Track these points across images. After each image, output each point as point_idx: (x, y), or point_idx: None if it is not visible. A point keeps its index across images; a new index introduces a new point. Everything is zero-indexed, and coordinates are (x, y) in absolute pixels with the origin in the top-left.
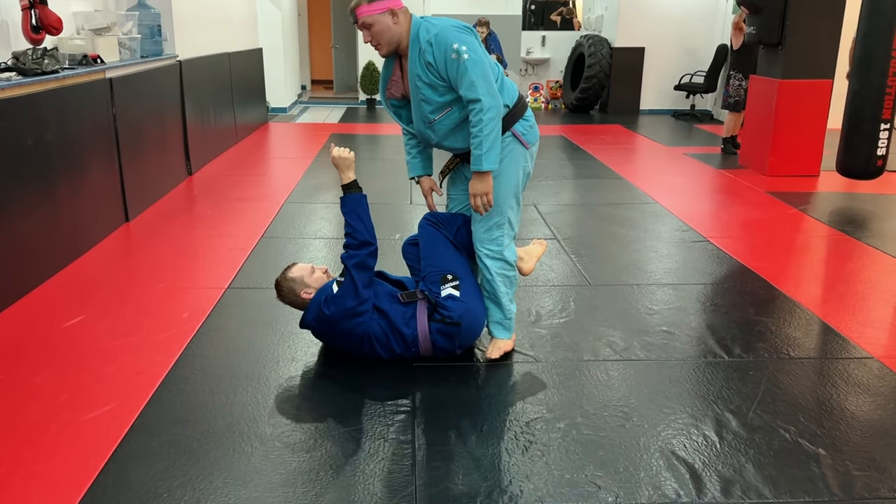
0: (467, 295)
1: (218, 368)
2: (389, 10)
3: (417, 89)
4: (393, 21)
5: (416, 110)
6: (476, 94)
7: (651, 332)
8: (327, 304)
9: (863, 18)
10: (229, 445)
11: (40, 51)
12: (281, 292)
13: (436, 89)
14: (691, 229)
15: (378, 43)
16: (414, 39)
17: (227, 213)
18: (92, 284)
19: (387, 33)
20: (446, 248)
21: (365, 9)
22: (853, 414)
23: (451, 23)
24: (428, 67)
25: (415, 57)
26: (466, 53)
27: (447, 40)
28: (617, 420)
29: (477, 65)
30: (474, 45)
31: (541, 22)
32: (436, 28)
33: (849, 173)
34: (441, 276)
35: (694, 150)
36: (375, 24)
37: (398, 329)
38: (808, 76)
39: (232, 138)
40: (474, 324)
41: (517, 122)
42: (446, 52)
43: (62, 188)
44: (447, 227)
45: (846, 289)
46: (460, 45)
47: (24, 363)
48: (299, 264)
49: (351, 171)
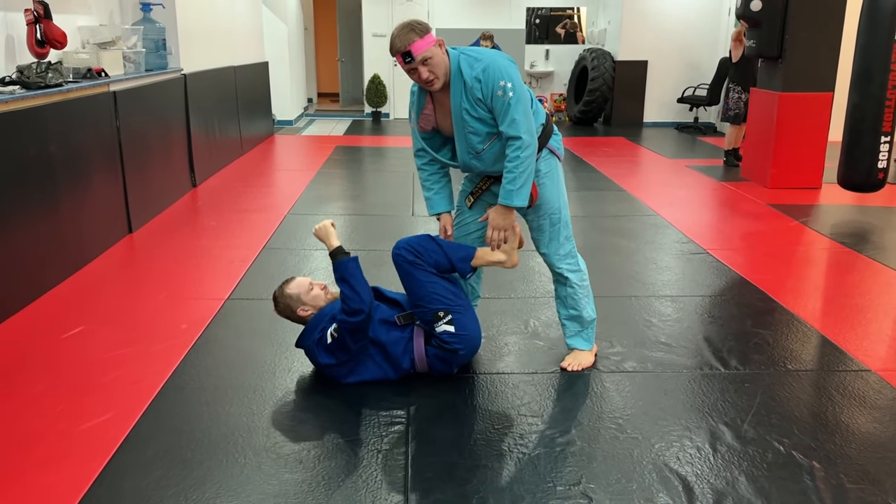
0: (462, 326)
1: (215, 379)
2: (438, 41)
3: (465, 122)
4: (442, 52)
5: (462, 142)
6: (517, 132)
7: (648, 343)
8: (319, 348)
9: (861, 31)
10: (223, 456)
11: (44, 64)
12: (278, 307)
13: (484, 122)
14: (692, 241)
15: (437, 76)
16: (456, 73)
17: (229, 224)
18: (93, 295)
19: (442, 65)
20: (429, 282)
21: (420, 44)
22: (848, 427)
23: (495, 55)
24: (477, 103)
25: (459, 91)
26: (512, 91)
27: (495, 76)
28: (611, 432)
29: (520, 102)
30: (518, 81)
31: (545, 35)
32: (481, 63)
33: (850, 186)
34: (433, 315)
35: (697, 162)
36: (433, 56)
37: (395, 360)
38: (809, 89)
39: (237, 150)
40: (472, 347)
41: (550, 138)
42: (494, 87)
43: (65, 200)
44: (424, 256)
45: (846, 301)
46: (507, 82)
47: (24, 373)
48: (297, 279)
49: (333, 239)
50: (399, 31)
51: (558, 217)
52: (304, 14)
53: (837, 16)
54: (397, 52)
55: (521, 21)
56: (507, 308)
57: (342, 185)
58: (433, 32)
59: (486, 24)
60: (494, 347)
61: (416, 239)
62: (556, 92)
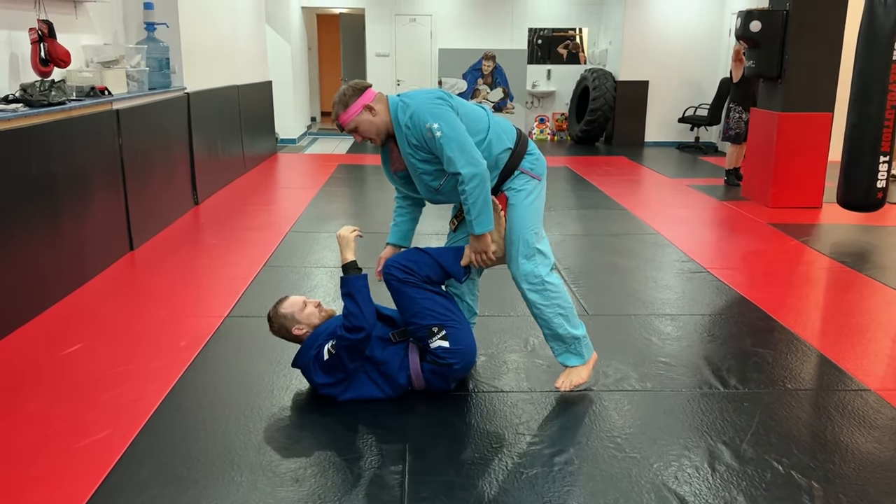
0: (457, 340)
1: (212, 397)
2: (364, 107)
3: (414, 166)
4: (372, 115)
5: (420, 182)
6: (455, 168)
7: (647, 362)
8: (315, 365)
9: (860, 52)
10: (219, 474)
11: (48, 83)
12: (273, 327)
13: (430, 162)
14: (692, 260)
15: (371, 137)
16: (395, 121)
17: (231, 242)
18: (93, 312)
19: (372, 128)
20: (422, 298)
21: (344, 116)
22: (847, 446)
23: (424, 96)
24: (417, 148)
25: (402, 138)
26: (439, 130)
27: (421, 120)
28: (609, 451)
29: (451, 139)
30: (447, 117)
31: (546, 56)
32: (409, 108)
33: (849, 205)
34: (427, 331)
35: (697, 181)
36: (359, 125)
37: (392, 377)
38: (808, 109)
39: (240, 168)
40: (468, 362)
41: (523, 159)
42: (422, 131)
43: (67, 217)
44: (415, 271)
45: (845, 320)
46: (433, 122)
47: (21, 390)
48: (291, 298)
49: (350, 252)
50: (334, 98)
51: (518, 237)
52: (307, 34)
53: (836, 36)
54: (334, 120)
55: (523, 41)
56: (506, 326)
57: (344, 203)
58: (366, 94)
59: (488, 45)
60: (493, 365)
61: (405, 255)
62: (557, 111)
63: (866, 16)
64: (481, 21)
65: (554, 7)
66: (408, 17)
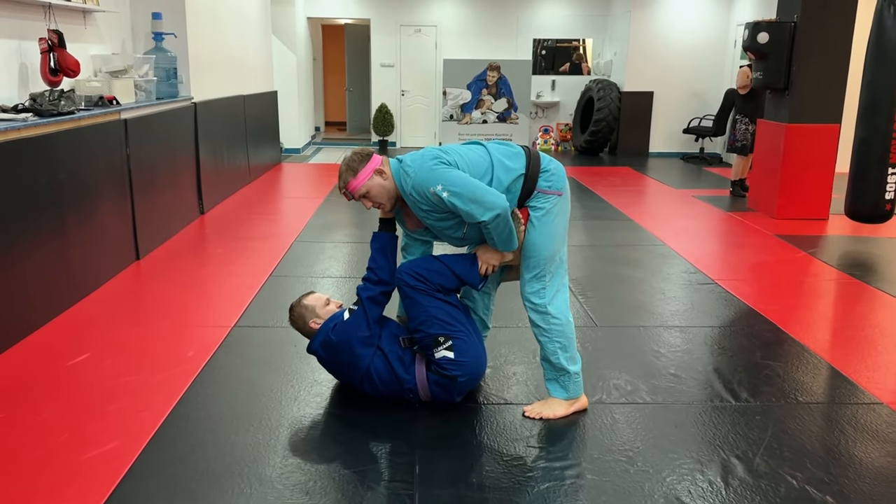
0: (462, 352)
1: (220, 408)
2: (375, 171)
3: (432, 225)
4: (383, 179)
5: (443, 236)
6: (477, 220)
7: (657, 374)
8: (335, 331)
9: (868, 65)
10: (228, 486)
11: (57, 92)
12: (292, 316)
13: (448, 218)
14: (699, 271)
15: (381, 203)
16: (400, 187)
17: (236, 251)
18: (99, 322)
19: (384, 192)
20: (431, 306)
21: (355, 182)
22: (861, 461)
23: (420, 163)
24: (427, 211)
25: (412, 203)
26: (445, 191)
27: (424, 187)
28: (621, 465)
29: (460, 196)
30: (447, 176)
31: (551, 66)
32: (410, 177)
33: (857, 217)
34: (433, 340)
35: (703, 192)
36: (371, 189)
37: (398, 375)
38: (815, 121)
39: (245, 178)
40: (473, 374)
41: (538, 179)
42: (429, 197)
43: (74, 226)
44: (428, 279)
45: (855, 333)
46: (436, 187)
47: (28, 400)
48: (316, 293)
49: (390, 211)
50: (340, 169)
51: (531, 256)
52: (313, 44)
53: (844, 48)
54: (341, 193)
55: (527, 52)
56: (513, 338)
57: (349, 212)
58: (373, 159)
59: (493, 55)
60: (502, 377)
61: (419, 262)
62: (561, 122)
63: (875, 28)
64: (486, 32)
65: (559, 18)
66: (413, 27)
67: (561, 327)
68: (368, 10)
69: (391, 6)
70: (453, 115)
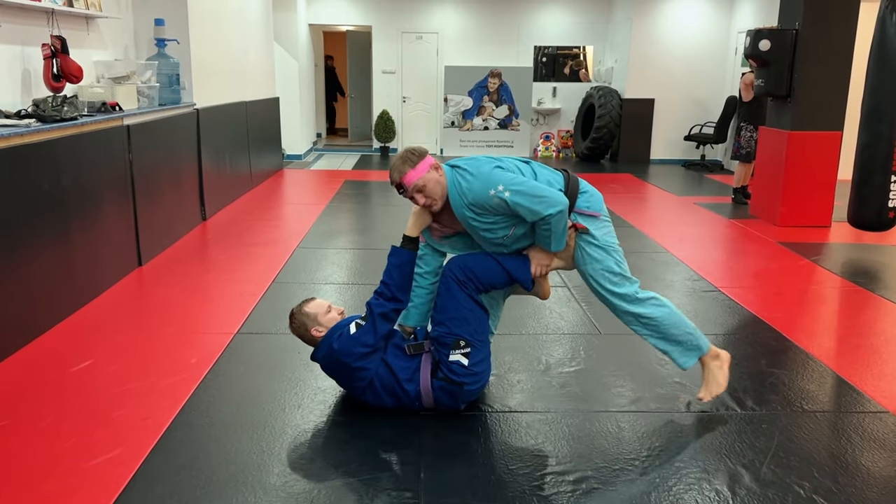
0: (476, 362)
1: (224, 415)
2: (432, 165)
3: (475, 228)
4: (439, 174)
5: (482, 241)
6: (541, 214)
7: (662, 383)
8: (340, 343)
9: (871, 71)
10: (232, 495)
11: (60, 98)
12: (293, 323)
13: (496, 223)
14: (702, 279)
15: (433, 199)
16: (452, 188)
17: (239, 258)
18: (102, 329)
19: (438, 188)
20: (466, 307)
21: (412, 174)
22: (869, 470)
23: (479, 167)
24: (478, 213)
25: (460, 205)
26: (507, 191)
27: (484, 189)
28: (627, 474)
29: (523, 194)
30: (507, 179)
31: (552, 73)
32: (468, 181)
33: (860, 225)
34: (454, 341)
35: (704, 199)
36: (427, 183)
37: (402, 384)
38: (818, 128)
39: (247, 184)
40: (479, 385)
41: (577, 199)
42: (488, 199)
43: (76, 232)
44: (479, 279)
45: (860, 341)
46: (496, 188)
47: (31, 407)
48: (318, 300)
49: (415, 228)
50: (394, 161)
51: (599, 282)
52: (315, 51)
53: (846, 55)
54: (393, 185)
55: (528, 59)
56: (518, 345)
57: (351, 218)
58: (428, 156)
59: (494, 62)
60: (506, 384)
61: (472, 258)
62: (563, 129)
63: (877, 35)
64: (487, 39)
65: (560, 25)
66: (414, 34)
67: (657, 306)
68: (370, 17)
69: (393, 13)
70: (455, 122)
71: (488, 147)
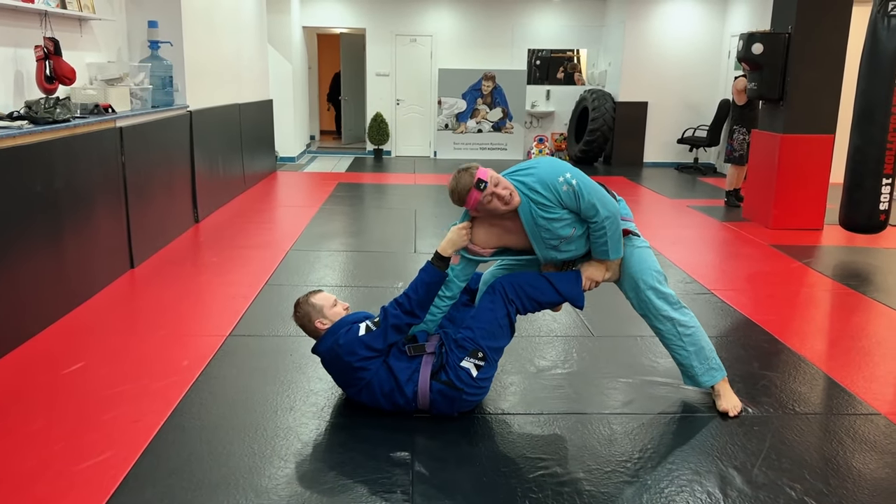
0: (483, 378)
1: (216, 418)
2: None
3: (542, 225)
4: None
5: (541, 240)
6: (595, 212)
7: (654, 384)
8: (346, 341)
9: (862, 75)
10: (224, 498)
11: (52, 100)
12: (297, 312)
13: (562, 218)
14: (695, 281)
15: (511, 193)
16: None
17: (231, 260)
18: (94, 331)
19: (507, 182)
20: (502, 324)
21: (483, 171)
22: (860, 472)
23: (539, 163)
24: (545, 207)
25: (527, 212)
26: (574, 179)
27: (553, 178)
28: (619, 476)
29: (586, 186)
30: (573, 169)
31: (545, 76)
32: (532, 175)
33: (852, 227)
34: (472, 349)
35: (697, 202)
36: (499, 180)
37: (401, 385)
38: (810, 131)
39: (240, 186)
40: (477, 398)
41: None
42: (557, 187)
43: (69, 234)
44: (531, 298)
45: (851, 343)
46: (564, 175)
47: (22, 410)
48: (324, 293)
49: (450, 247)
50: (454, 178)
51: (638, 278)
52: (308, 53)
53: (838, 59)
54: (468, 189)
55: (522, 62)
56: (511, 347)
57: (344, 221)
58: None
59: (488, 65)
60: (499, 387)
61: (525, 277)
62: (556, 131)
63: (869, 39)
64: (481, 42)
65: (553, 28)
66: (408, 37)
67: (690, 325)
68: (364, 20)
69: (387, 16)
70: (448, 125)
71: (482, 150)
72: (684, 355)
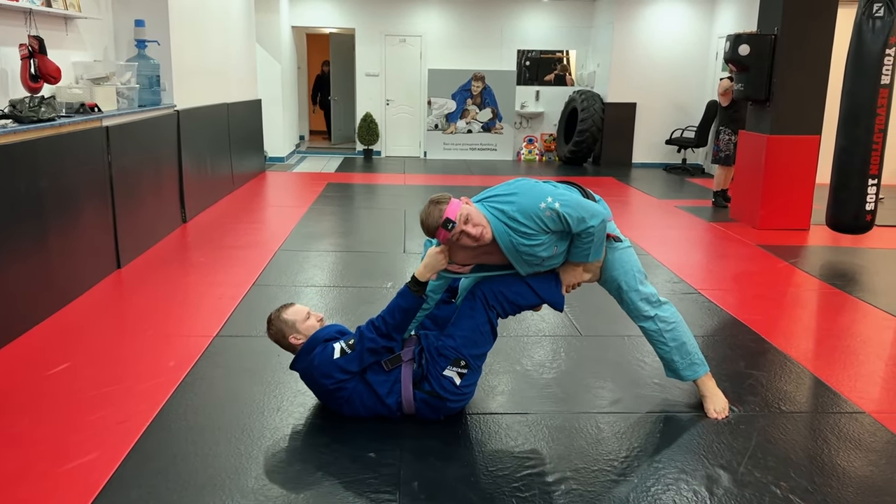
0: (466, 385)
1: (202, 418)
2: (464, 200)
3: (522, 251)
4: (471, 206)
5: (521, 264)
6: (587, 225)
7: (642, 384)
8: (320, 362)
9: (848, 76)
10: (210, 498)
11: (37, 99)
12: (270, 329)
13: (543, 243)
14: (682, 281)
15: (483, 226)
16: (495, 225)
17: (219, 260)
18: (80, 331)
19: (479, 215)
20: (482, 333)
21: (452, 207)
22: (845, 470)
23: (518, 188)
24: (527, 235)
25: (507, 241)
26: (556, 202)
27: (533, 206)
28: (606, 475)
29: (570, 205)
30: (553, 191)
31: (535, 77)
32: (513, 204)
33: (838, 228)
34: (454, 359)
35: (685, 202)
36: (470, 213)
37: (382, 399)
38: (796, 132)
39: (228, 186)
40: (461, 405)
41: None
42: (539, 214)
43: (54, 234)
44: (511, 303)
45: (837, 343)
46: (546, 200)
47: (5, 411)
48: (296, 306)
49: (428, 272)
50: (426, 210)
51: (621, 279)
52: (297, 53)
53: (824, 60)
54: (436, 227)
55: (512, 63)
56: (499, 347)
57: (333, 221)
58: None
59: (477, 66)
60: (487, 387)
61: (504, 283)
62: (545, 132)
63: (854, 40)
64: (471, 42)
65: (543, 30)
66: (398, 37)
67: (672, 319)
68: (353, 20)
69: (376, 16)
70: (438, 125)
71: (472, 150)
72: (666, 350)
